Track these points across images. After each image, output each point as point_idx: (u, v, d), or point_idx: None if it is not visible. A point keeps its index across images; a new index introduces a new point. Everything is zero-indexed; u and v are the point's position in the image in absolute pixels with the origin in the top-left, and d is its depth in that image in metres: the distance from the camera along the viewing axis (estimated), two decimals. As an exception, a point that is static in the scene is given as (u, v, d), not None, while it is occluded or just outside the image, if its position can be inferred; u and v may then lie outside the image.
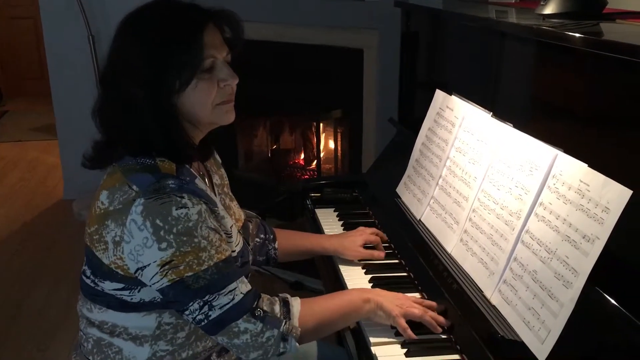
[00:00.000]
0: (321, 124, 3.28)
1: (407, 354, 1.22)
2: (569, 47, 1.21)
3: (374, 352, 1.23)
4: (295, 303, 1.23)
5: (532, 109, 1.49)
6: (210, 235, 1.14)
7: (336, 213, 1.89)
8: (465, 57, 1.81)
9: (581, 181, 1.09)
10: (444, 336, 1.27)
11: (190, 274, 1.11)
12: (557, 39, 1.24)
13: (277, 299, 1.23)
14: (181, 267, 1.10)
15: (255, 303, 1.17)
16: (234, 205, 1.43)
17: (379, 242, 1.62)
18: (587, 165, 1.10)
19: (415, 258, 1.52)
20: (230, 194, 1.43)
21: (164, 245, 1.09)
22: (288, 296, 1.25)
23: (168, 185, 1.12)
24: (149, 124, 1.15)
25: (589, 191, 1.07)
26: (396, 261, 1.59)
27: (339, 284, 1.52)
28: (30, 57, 6.41)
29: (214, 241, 1.14)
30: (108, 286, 1.19)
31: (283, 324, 1.18)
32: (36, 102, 6.06)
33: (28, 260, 3.30)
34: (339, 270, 1.57)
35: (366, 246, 1.60)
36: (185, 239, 1.10)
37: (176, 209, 1.10)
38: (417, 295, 1.42)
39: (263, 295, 1.21)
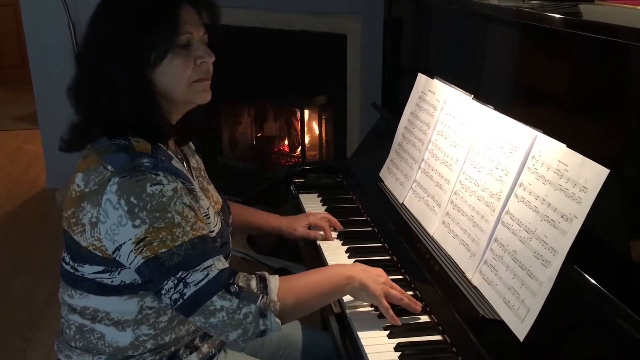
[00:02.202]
0: (305, 110, 3.28)
1: (389, 336, 1.23)
2: (548, 29, 1.22)
3: (357, 335, 1.24)
4: (273, 279, 1.20)
5: (512, 90, 1.50)
6: (185, 211, 1.13)
7: (320, 198, 1.89)
8: (447, 40, 1.81)
9: (560, 161, 1.10)
10: (425, 317, 1.28)
11: (164, 250, 1.10)
12: (536, 20, 1.25)
13: (254, 275, 1.20)
14: (155, 244, 1.09)
15: (232, 279, 1.15)
16: (212, 188, 1.42)
17: (326, 228, 1.64)
18: (565, 145, 1.10)
19: (398, 241, 1.53)
20: (207, 177, 1.43)
21: (137, 222, 1.09)
22: (266, 273, 1.22)
23: (143, 163, 1.12)
24: (124, 99, 1.14)
25: (567, 171, 1.08)
26: (379, 244, 1.59)
27: (322, 268, 1.52)
28: (10, 45, 6.31)
29: (189, 217, 1.13)
30: (88, 270, 1.18)
31: (260, 298, 1.14)
32: (17, 91, 5.97)
33: (11, 249, 3.27)
34: (323, 254, 1.57)
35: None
36: (158, 214, 1.09)
37: (151, 186, 1.10)
38: (399, 278, 1.43)
39: (240, 272, 1.19)
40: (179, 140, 1.34)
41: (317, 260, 1.57)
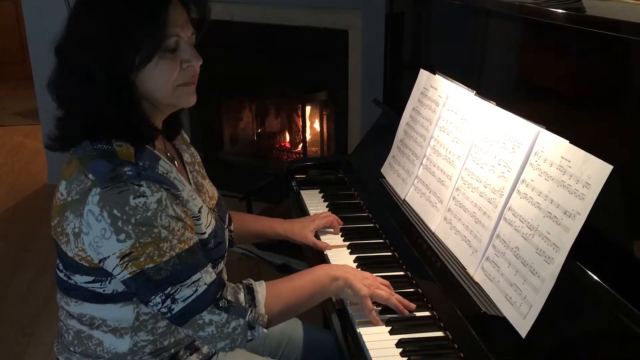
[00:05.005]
0: (307, 106, 3.27)
1: (391, 332, 1.23)
2: (551, 24, 1.21)
3: (359, 332, 1.24)
4: (260, 289, 1.20)
5: (515, 86, 1.50)
6: (172, 224, 1.09)
7: (321, 194, 1.89)
8: (449, 36, 1.80)
9: (562, 157, 1.09)
10: (427, 313, 1.28)
11: (151, 265, 1.07)
12: (539, 15, 1.24)
13: (241, 286, 1.20)
14: (141, 259, 1.07)
15: (220, 293, 1.14)
16: (207, 182, 1.38)
17: (334, 222, 1.64)
18: (568, 141, 1.10)
19: (399, 237, 1.52)
20: (203, 171, 1.39)
21: (122, 236, 1.05)
22: (252, 282, 1.22)
23: (125, 172, 1.07)
24: (104, 100, 1.09)
25: (570, 167, 1.07)
26: (381, 241, 1.59)
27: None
28: (11, 41, 6.29)
29: (176, 230, 1.10)
30: (79, 279, 1.16)
31: (249, 312, 1.15)
32: (18, 87, 5.96)
33: (12, 245, 3.27)
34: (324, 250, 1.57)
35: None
36: (144, 229, 1.06)
37: (134, 198, 1.05)
38: (401, 274, 1.43)
39: (227, 283, 1.18)
40: (168, 135, 1.29)
41: (318, 256, 1.57)
